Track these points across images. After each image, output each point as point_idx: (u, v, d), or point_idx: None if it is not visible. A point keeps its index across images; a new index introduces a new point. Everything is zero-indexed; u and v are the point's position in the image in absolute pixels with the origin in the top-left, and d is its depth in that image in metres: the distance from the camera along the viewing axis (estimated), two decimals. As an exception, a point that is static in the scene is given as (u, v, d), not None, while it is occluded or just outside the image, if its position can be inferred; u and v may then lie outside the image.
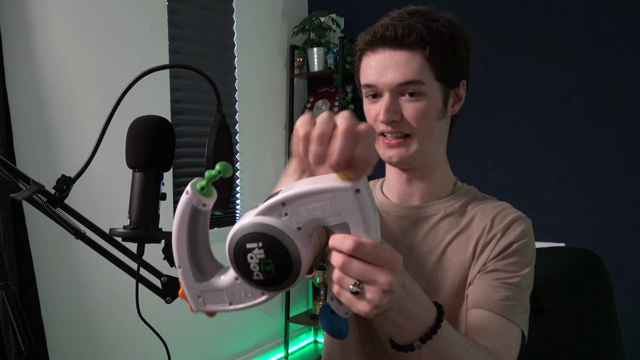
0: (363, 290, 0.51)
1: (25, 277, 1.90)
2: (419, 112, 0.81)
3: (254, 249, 0.52)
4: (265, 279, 0.54)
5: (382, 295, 0.51)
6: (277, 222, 0.52)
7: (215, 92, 0.71)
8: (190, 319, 2.63)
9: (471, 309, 0.79)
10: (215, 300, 0.60)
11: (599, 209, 2.66)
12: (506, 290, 0.78)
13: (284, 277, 0.54)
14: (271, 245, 0.52)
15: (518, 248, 0.82)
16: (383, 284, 0.50)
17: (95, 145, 0.70)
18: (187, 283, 0.59)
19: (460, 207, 0.89)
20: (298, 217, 0.51)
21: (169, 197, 2.62)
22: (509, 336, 0.77)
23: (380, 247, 0.51)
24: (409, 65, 0.79)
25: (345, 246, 0.50)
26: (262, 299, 0.58)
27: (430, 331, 0.60)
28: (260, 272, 0.53)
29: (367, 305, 0.52)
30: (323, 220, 0.51)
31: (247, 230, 0.52)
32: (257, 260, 0.53)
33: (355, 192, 0.49)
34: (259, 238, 0.52)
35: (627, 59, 2.58)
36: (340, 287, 0.53)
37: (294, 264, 0.53)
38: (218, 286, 0.59)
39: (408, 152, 0.83)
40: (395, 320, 0.58)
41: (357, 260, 0.51)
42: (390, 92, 0.81)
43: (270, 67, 3.32)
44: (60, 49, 2.11)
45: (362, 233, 0.51)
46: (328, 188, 0.49)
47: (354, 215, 0.50)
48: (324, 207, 0.50)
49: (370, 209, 0.50)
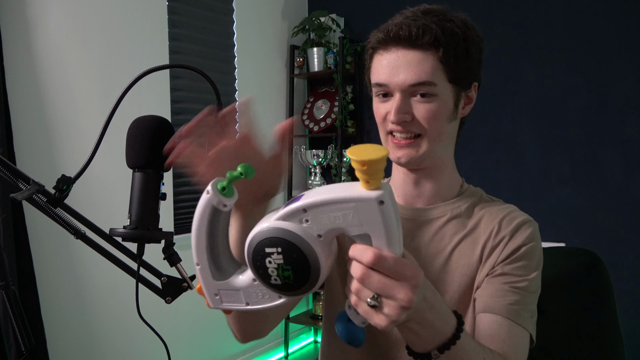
0: (381, 304, 0.50)
1: (25, 277, 1.90)
2: (430, 113, 0.80)
3: (273, 253, 0.52)
4: (283, 284, 0.53)
5: (400, 311, 0.50)
6: (297, 228, 0.51)
7: (215, 92, 0.71)
8: (190, 319, 2.63)
9: (480, 313, 0.79)
10: (232, 299, 0.59)
11: (599, 209, 2.66)
12: (515, 295, 0.78)
13: (302, 284, 0.53)
14: (290, 252, 0.51)
15: (526, 251, 0.81)
16: (402, 300, 0.49)
17: (95, 145, 0.70)
18: (205, 281, 0.59)
19: (467, 210, 0.88)
20: (319, 224, 0.50)
21: (169, 197, 2.62)
22: (518, 340, 0.76)
23: (402, 262, 0.50)
24: (422, 66, 0.78)
25: (366, 258, 0.49)
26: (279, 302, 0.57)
27: (449, 341, 0.59)
28: (278, 277, 0.53)
29: (385, 320, 0.51)
30: (344, 230, 0.50)
31: (266, 235, 0.52)
32: (275, 265, 0.52)
33: (379, 204, 0.48)
34: (279, 243, 0.51)
35: (627, 59, 2.58)
36: (358, 298, 0.52)
37: (312, 271, 0.52)
38: (235, 285, 0.58)
39: (417, 153, 0.82)
40: (414, 330, 0.58)
41: (377, 273, 0.50)
42: (402, 93, 0.80)
43: (270, 67, 3.32)
44: (60, 49, 2.11)
45: (384, 246, 0.49)
46: (351, 197, 0.48)
47: (377, 226, 0.49)
48: (346, 216, 0.49)
49: (394, 221, 0.49)
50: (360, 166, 0.46)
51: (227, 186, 0.54)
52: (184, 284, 0.71)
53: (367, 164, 0.46)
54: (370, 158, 0.45)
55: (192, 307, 2.64)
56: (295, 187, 3.48)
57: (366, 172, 0.47)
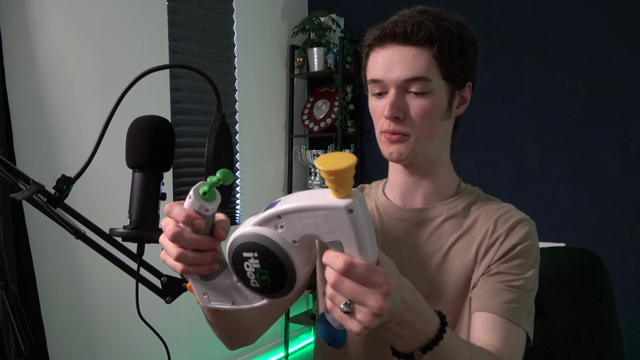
0: (353, 310, 0.51)
1: (25, 277, 1.90)
2: (424, 109, 0.81)
3: (250, 258, 0.53)
4: (262, 287, 0.55)
5: (372, 318, 0.51)
6: (273, 234, 0.52)
7: (215, 92, 0.71)
8: (190, 319, 2.63)
9: (475, 312, 0.79)
10: (219, 298, 0.61)
11: (599, 209, 2.66)
12: (510, 293, 0.78)
13: (279, 288, 0.54)
14: (266, 257, 0.52)
15: (522, 250, 0.81)
16: (373, 307, 0.50)
17: (95, 145, 0.70)
18: (193, 281, 0.61)
19: (464, 209, 0.88)
20: (293, 230, 0.52)
21: (169, 197, 2.61)
22: (513, 339, 0.76)
23: (373, 269, 0.50)
24: (417, 62, 0.79)
25: (337, 265, 0.50)
26: (262, 302, 0.59)
27: (431, 342, 0.59)
28: (256, 280, 0.54)
29: (358, 325, 0.51)
30: (317, 236, 0.51)
31: (244, 240, 0.53)
32: (253, 269, 0.54)
33: (348, 212, 0.48)
34: (255, 248, 0.53)
35: (627, 59, 2.58)
36: (333, 303, 0.53)
37: (288, 276, 0.53)
38: (222, 286, 0.60)
39: (407, 149, 0.83)
40: (395, 331, 0.58)
41: (349, 280, 0.50)
42: (397, 88, 0.81)
43: (270, 67, 3.32)
44: (60, 49, 2.11)
45: (356, 252, 0.50)
46: (321, 206, 0.49)
47: (347, 234, 0.49)
48: (318, 223, 0.50)
49: (365, 228, 0.49)
50: (328, 176, 0.47)
51: (209, 191, 0.55)
52: (183, 284, 0.71)
53: (334, 173, 0.46)
54: (337, 168, 0.46)
55: (192, 307, 2.63)
56: (295, 187, 3.48)
57: (334, 181, 0.47)
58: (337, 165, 0.46)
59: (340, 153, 0.48)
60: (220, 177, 0.54)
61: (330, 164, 0.46)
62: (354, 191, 0.49)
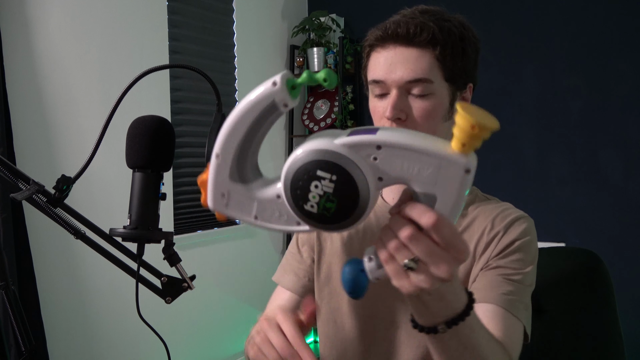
0: (419, 269, 0.48)
1: (25, 277, 1.90)
2: (426, 111, 0.81)
3: (325, 179, 0.46)
4: (318, 214, 0.48)
5: (433, 282, 0.48)
6: (362, 163, 0.46)
7: (215, 92, 0.71)
8: (190, 319, 2.63)
9: (475, 304, 0.79)
10: (240, 207, 0.52)
11: (599, 209, 2.66)
12: (509, 285, 0.78)
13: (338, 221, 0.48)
14: (345, 184, 0.46)
15: (520, 245, 0.82)
16: (443, 271, 0.47)
17: (95, 145, 0.70)
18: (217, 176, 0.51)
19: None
20: (388, 167, 0.46)
21: (169, 197, 2.61)
22: (512, 330, 0.76)
23: (459, 235, 0.48)
24: (419, 63, 0.79)
25: (425, 220, 0.46)
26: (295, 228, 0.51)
27: (458, 317, 0.57)
28: (317, 204, 0.47)
29: (413, 285, 0.49)
30: (410, 182, 0.46)
31: (324, 157, 0.46)
32: (321, 191, 0.46)
33: (465, 171, 0.44)
34: (336, 170, 0.46)
35: (627, 59, 2.58)
36: (393, 256, 0.49)
37: (356, 213, 0.47)
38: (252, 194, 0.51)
39: None
40: (425, 301, 0.56)
41: (427, 238, 0.47)
42: (398, 89, 0.80)
43: (270, 67, 3.32)
44: (60, 49, 2.11)
45: (447, 213, 0.46)
46: (440, 154, 0.44)
47: (450, 193, 0.45)
48: (422, 170, 0.45)
49: (466, 194, 0.46)
50: (470, 128, 0.42)
51: (298, 86, 0.47)
52: (184, 284, 0.71)
53: (479, 127, 0.41)
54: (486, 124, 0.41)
55: (192, 307, 2.64)
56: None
57: (474, 135, 0.42)
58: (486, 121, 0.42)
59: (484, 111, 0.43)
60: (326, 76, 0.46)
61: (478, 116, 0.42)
62: (474, 154, 0.45)
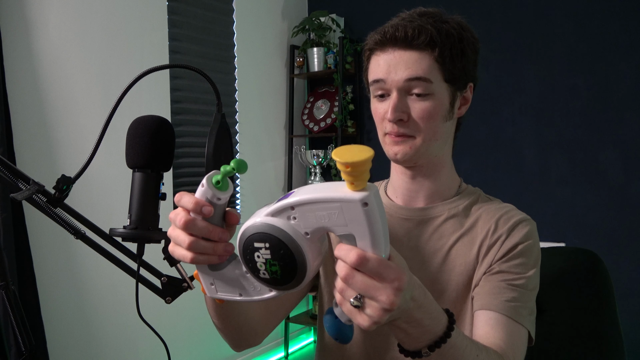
0: (364, 304, 0.51)
1: (25, 277, 1.90)
2: (426, 112, 0.81)
3: (261, 248, 0.53)
4: (271, 279, 0.54)
5: (382, 313, 0.50)
6: (285, 225, 0.52)
7: (215, 92, 0.71)
8: (190, 319, 2.63)
9: (478, 311, 0.79)
10: (226, 289, 0.60)
11: (599, 209, 2.66)
12: (512, 292, 0.78)
13: (289, 279, 0.54)
14: (277, 248, 0.52)
15: (523, 249, 0.82)
16: (384, 302, 0.50)
17: (96, 145, 0.70)
18: (201, 270, 0.60)
19: (465, 209, 0.88)
20: (306, 222, 0.51)
21: (169, 197, 2.61)
22: (516, 337, 0.76)
23: (385, 264, 0.50)
24: (419, 64, 0.79)
25: (349, 258, 0.49)
26: (270, 295, 0.58)
27: (439, 340, 0.59)
28: (266, 271, 0.54)
29: (367, 320, 0.51)
30: (330, 229, 0.51)
31: (256, 230, 0.53)
32: (263, 260, 0.53)
33: (362, 205, 0.48)
34: (267, 239, 0.52)
35: (627, 59, 2.58)
36: (343, 297, 0.52)
37: (299, 268, 0.53)
38: (230, 277, 0.59)
39: (412, 150, 0.83)
40: (403, 328, 0.58)
41: (360, 274, 0.50)
42: (398, 91, 0.81)
43: (270, 67, 3.32)
44: (60, 49, 2.11)
45: (369, 247, 0.50)
46: (336, 198, 0.49)
47: (361, 228, 0.49)
48: (331, 216, 0.50)
49: (379, 223, 0.49)
50: (345, 168, 0.46)
51: (222, 180, 0.55)
52: (184, 284, 0.71)
53: (350, 165, 0.46)
54: (354, 160, 0.45)
55: (192, 307, 2.63)
56: (295, 187, 3.48)
57: (351, 173, 0.47)
58: (354, 157, 0.46)
59: (358, 146, 0.47)
60: (235, 166, 0.53)
61: (347, 155, 0.46)
62: (370, 185, 0.49)
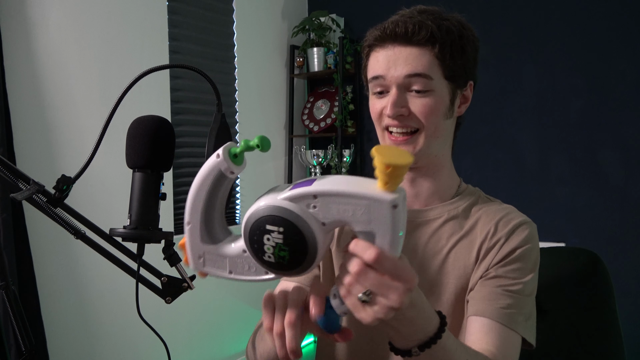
0: (372, 301, 0.51)
1: (25, 277, 1.90)
2: (427, 107, 0.80)
3: (274, 232, 0.52)
4: (276, 263, 0.53)
5: (388, 311, 0.51)
6: (304, 213, 0.51)
7: (215, 92, 0.71)
8: (190, 319, 2.63)
9: (471, 316, 0.78)
10: (216, 264, 0.59)
11: (599, 209, 2.66)
12: (508, 298, 0.78)
13: (295, 266, 0.53)
14: (292, 234, 0.51)
15: (521, 254, 0.81)
16: (393, 300, 0.50)
17: (96, 145, 0.70)
18: (192, 241, 0.58)
19: (464, 210, 0.87)
20: (326, 213, 0.51)
21: (169, 197, 2.61)
22: (509, 345, 0.76)
23: (402, 266, 0.50)
24: (419, 60, 0.79)
25: (367, 255, 0.49)
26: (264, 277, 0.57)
27: (430, 340, 0.59)
28: (272, 254, 0.53)
29: (371, 316, 0.51)
30: (349, 223, 0.51)
31: (271, 212, 0.52)
32: (273, 243, 0.52)
33: (392, 207, 0.48)
34: (282, 223, 0.51)
35: (626, 59, 2.58)
36: (349, 291, 0.52)
37: (308, 257, 0.52)
38: (223, 252, 0.58)
39: (414, 150, 0.83)
40: (395, 327, 0.58)
41: (374, 271, 0.50)
42: (398, 87, 0.80)
43: (270, 67, 3.32)
44: (60, 49, 2.11)
45: (387, 246, 0.50)
46: (366, 195, 0.49)
47: (384, 228, 0.49)
48: (356, 211, 0.50)
49: (402, 226, 0.50)
50: (385, 168, 0.46)
51: (239, 154, 0.53)
52: (184, 284, 0.71)
53: (392, 166, 0.46)
54: (398, 162, 0.46)
55: (192, 307, 2.64)
56: (295, 187, 3.48)
57: (390, 174, 0.47)
58: (398, 160, 0.46)
59: (398, 148, 0.48)
60: (259, 142, 0.52)
61: (390, 157, 0.46)
62: (400, 188, 0.49)
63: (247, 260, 0.57)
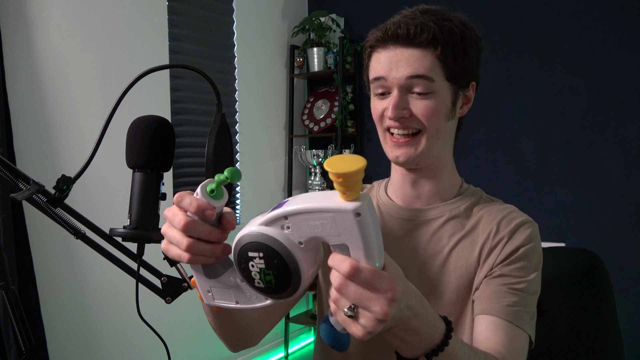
0: (357, 314, 0.50)
1: (25, 277, 1.90)
2: (428, 109, 0.80)
3: (255, 257, 0.53)
4: (266, 288, 0.55)
5: (375, 323, 0.50)
6: (279, 235, 0.52)
7: (215, 92, 0.71)
8: (190, 319, 2.63)
9: (478, 315, 0.78)
10: (223, 296, 0.61)
11: (599, 209, 2.66)
12: (513, 296, 0.78)
13: (284, 288, 0.54)
14: (271, 257, 0.52)
15: (525, 253, 0.81)
16: (377, 312, 0.49)
17: (96, 145, 0.70)
18: (198, 278, 0.61)
19: (466, 210, 0.87)
20: (299, 232, 0.51)
21: (169, 197, 2.61)
22: (516, 343, 0.76)
23: (379, 275, 0.49)
24: (420, 62, 0.78)
25: (342, 269, 0.49)
26: (266, 303, 0.58)
27: (437, 348, 0.58)
28: (260, 280, 0.54)
29: (361, 330, 0.51)
30: (324, 239, 0.51)
31: (250, 239, 0.53)
32: (257, 269, 0.53)
33: (355, 216, 0.47)
34: (260, 248, 0.52)
35: (626, 59, 2.58)
36: (337, 307, 0.52)
37: (293, 277, 0.53)
38: (226, 284, 0.60)
39: (416, 152, 0.82)
40: (400, 337, 0.57)
41: (354, 284, 0.50)
42: (399, 89, 0.80)
43: (270, 67, 3.32)
44: (60, 49, 2.11)
45: (362, 257, 0.49)
46: (329, 208, 0.49)
47: (354, 238, 0.49)
48: (325, 226, 0.50)
49: (372, 232, 0.49)
50: (336, 178, 0.46)
51: (216, 189, 0.55)
52: (184, 284, 0.71)
53: (342, 176, 0.46)
54: (346, 171, 0.45)
55: (192, 307, 2.63)
56: (295, 187, 3.48)
57: (342, 184, 0.46)
58: (346, 167, 0.46)
59: (350, 155, 0.47)
60: (228, 175, 0.54)
61: (339, 166, 0.46)
62: (363, 194, 0.49)
63: (247, 289, 0.58)
